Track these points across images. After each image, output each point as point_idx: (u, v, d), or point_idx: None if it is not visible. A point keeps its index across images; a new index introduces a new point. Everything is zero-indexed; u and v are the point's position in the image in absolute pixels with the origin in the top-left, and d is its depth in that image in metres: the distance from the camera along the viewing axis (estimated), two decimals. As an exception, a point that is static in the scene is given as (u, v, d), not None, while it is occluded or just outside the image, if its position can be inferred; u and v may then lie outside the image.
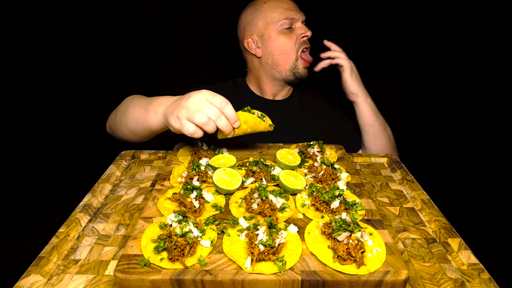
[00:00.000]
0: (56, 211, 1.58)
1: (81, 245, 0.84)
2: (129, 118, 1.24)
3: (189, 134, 0.99)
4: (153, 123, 1.13)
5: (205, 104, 0.98)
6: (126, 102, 1.32)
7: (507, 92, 2.06)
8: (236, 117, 1.02)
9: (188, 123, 0.98)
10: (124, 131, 1.31)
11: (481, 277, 0.76)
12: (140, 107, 1.19)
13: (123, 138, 1.36)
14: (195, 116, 0.97)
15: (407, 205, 1.04)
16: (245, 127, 1.06)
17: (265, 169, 1.04)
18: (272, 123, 1.12)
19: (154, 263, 0.70)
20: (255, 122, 1.06)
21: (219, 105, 0.99)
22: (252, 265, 0.70)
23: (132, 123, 1.24)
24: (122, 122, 1.30)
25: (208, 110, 0.98)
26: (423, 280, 0.76)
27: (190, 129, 0.98)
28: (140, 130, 1.22)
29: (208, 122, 0.98)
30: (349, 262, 0.71)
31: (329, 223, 0.80)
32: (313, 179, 1.05)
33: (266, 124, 1.08)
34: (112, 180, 1.13)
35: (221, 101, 1.00)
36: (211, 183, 1.00)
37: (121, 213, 0.97)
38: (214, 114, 0.98)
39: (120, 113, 1.32)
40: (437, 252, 0.85)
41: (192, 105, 0.98)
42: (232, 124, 1.02)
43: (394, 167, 1.25)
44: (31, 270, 0.75)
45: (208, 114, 0.97)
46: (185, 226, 0.76)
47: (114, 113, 1.38)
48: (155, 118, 1.11)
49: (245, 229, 0.79)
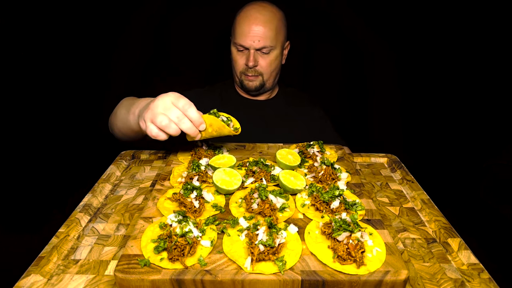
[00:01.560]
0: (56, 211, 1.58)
1: (81, 245, 0.84)
2: (118, 120, 1.30)
3: (153, 136, 1.00)
4: (133, 124, 1.16)
5: (169, 106, 0.98)
6: (119, 104, 1.36)
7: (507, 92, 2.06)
8: (200, 119, 1.01)
9: (151, 125, 0.99)
10: (117, 132, 1.37)
11: (481, 277, 0.76)
12: (126, 108, 1.22)
13: (118, 138, 1.42)
14: (157, 119, 0.97)
15: (407, 205, 1.04)
16: (210, 130, 1.05)
17: (265, 169, 1.04)
18: (239, 127, 1.11)
19: (154, 263, 0.70)
20: (219, 125, 1.05)
21: (181, 108, 0.99)
22: (252, 265, 0.70)
23: (119, 124, 1.29)
24: (114, 123, 1.36)
25: (170, 112, 0.98)
26: (423, 280, 0.76)
27: (153, 131, 0.99)
28: (126, 130, 1.27)
29: (169, 125, 0.98)
30: (349, 262, 0.71)
31: (329, 223, 0.80)
32: (313, 179, 1.05)
33: (230, 128, 1.07)
34: (112, 180, 1.13)
35: (184, 104, 0.99)
36: (211, 183, 1.00)
37: (121, 213, 0.97)
38: (177, 117, 0.98)
39: (113, 115, 1.37)
40: (437, 252, 0.85)
41: (156, 108, 0.98)
42: (197, 127, 1.02)
43: (394, 167, 1.25)
44: (31, 270, 0.75)
45: (170, 117, 0.98)
46: (185, 226, 0.76)
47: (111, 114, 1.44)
48: (134, 120, 1.15)
49: (245, 229, 0.79)
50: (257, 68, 1.53)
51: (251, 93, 1.61)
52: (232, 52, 1.57)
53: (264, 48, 1.49)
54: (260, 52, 1.51)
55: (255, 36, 1.46)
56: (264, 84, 1.58)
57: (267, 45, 1.48)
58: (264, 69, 1.54)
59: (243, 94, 1.66)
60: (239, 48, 1.52)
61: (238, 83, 1.63)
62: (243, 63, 1.53)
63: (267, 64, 1.53)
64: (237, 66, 1.57)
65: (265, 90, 1.62)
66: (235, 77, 1.62)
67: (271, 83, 1.61)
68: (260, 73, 1.55)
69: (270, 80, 1.59)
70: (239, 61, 1.55)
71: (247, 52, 1.51)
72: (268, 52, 1.51)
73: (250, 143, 1.29)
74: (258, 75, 1.55)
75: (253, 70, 1.53)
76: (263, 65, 1.53)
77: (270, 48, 1.50)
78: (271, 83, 1.61)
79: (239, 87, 1.65)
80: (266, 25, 1.47)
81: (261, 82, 1.57)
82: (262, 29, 1.46)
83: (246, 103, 1.64)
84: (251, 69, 1.52)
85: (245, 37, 1.47)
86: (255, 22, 1.46)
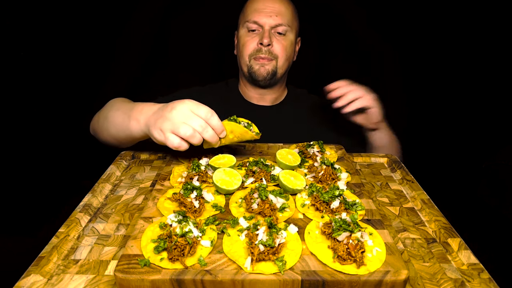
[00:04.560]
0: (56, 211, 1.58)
1: (81, 245, 0.84)
2: (111, 123, 1.18)
3: (174, 147, 0.94)
4: (135, 131, 1.08)
5: (189, 115, 0.93)
6: (108, 106, 1.26)
7: (507, 92, 2.06)
8: (222, 127, 0.97)
9: (172, 136, 0.93)
10: (106, 136, 1.26)
11: (481, 277, 0.76)
12: (123, 112, 1.13)
13: (105, 142, 1.30)
14: (180, 129, 0.91)
15: (407, 205, 1.04)
16: (231, 136, 1.03)
17: (265, 169, 1.04)
18: (259, 131, 1.10)
19: (154, 263, 0.70)
20: (241, 131, 1.03)
21: (204, 116, 0.94)
22: (252, 265, 0.70)
23: (114, 129, 1.18)
24: (104, 127, 1.23)
25: (193, 122, 0.92)
26: (423, 280, 0.76)
27: (174, 142, 0.93)
28: (122, 136, 1.17)
29: (194, 135, 0.93)
30: (349, 262, 0.71)
31: (329, 223, 0.80)
32: (313, 179, 1.05)
33: (252, 133, 1.05)
34: (112, 180, 1.13)
35: (206, 112, 0.94)
36: (211, 183, 1.00)
37: (121, 213, 0.97)
38: (200, 126, 0.93)
39: (102, 117, 1.25)
40: (437, 252, 0.85)
41: (176, 117, 0.92)
42: (219, 135, 0.98)
43: (394, 167, 1.25)
44: (31, 270, 0.75)
45: (193, 126, 0.92)
46: (185, 226, 0.76)
47: (97, 116, 1.31)
48: (137, 127, 1.06)
49: (245, 229, 0.79)
50: (272, 49, 1.37)
51: (261, 82, 1.44)
52: (240, 37, 1.42)
53: (280, 26, 1.35)
54: (275, 33, 1.37)
55: (272, 11, 1.34)
56: (276, 73, 1.42)
57: (284, 23, 1.35)
58: (279, 51, 1.37)
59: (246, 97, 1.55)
60: (251, 28, 1.36)
61: (246, 74, 1.46)
62: (256, 42, 1.36)
63: (282, 47, 1.37)
64: (246, 49, 1.39)
65: (276, 81, 1.46)
66: (242, 67, 1.46)
67: (282, 73, 1.46)
68: (275, 56, 1.39)
69: (283, 69, 1.44)
70: (250, 43, 1.37)
71: (260, 32, 1.37)
72: (285, 33, 1.37)
73: (250, 143, 1.29)
74: (272, 59, 1.39)
75: (267, 51, 1.36)
76: (278, 47, 1.37)
77: (286, 28, 1.36)
78: (282, 73, 1.46)
79: (246, 79, 1.49)
80: (282, 3, 1.36)
81: (273, 68, 1.41)
82: (278, 5, 1.34)
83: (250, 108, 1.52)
84: (266, 48, 1.35)
85: (259, 13, 1.34)
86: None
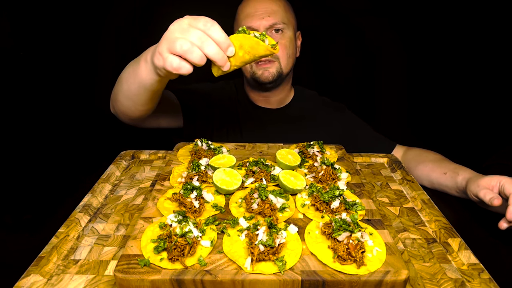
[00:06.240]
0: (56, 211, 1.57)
1: (81, 245, 0.84)
2: (123, 80, 1.12)
3: (174, 69, 0.83)
4: (145, 75, 0.99)
5: (186, 28, 0.81)
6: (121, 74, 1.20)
7: (507, 92, 2.06)
8: (228, 40, 0.82)
9: (170, 56, 0.82)
10: (121, 100, 1.18)
11: (481, 277, 0.76)
12: (133, 63, 1.07)
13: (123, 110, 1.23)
14: (176, 44, 0.80)
15: (407, 205, 1.04)
16: (241, 53, 0.85)
17: (265, 169, 1.04)
18: (275, 43, 0.90)
19: (154, 263, 0.70)
20: (251, 44, 0.84)
21: (202, 27, 0.80)
22: (252, 265, 0.70)
23: (126, 85, 1.11)
24: (118, 89, 1.18)
25: (190, 35, 0.80)
26: (423, 280, 0.76)
27: (173, 63, 0.82)
28: (134, 90, 1.08)
29: (192, 49, 0.80)
30: (349, 262, 0.71)
31: (329, 223, 0.80)
32: (313, 179, 1.05)
33: (267, 45, 0.86)
34: (112, 180, 1.13)
35: (204, 22, 0.81)
36: (211, 183, 1.00)
37: (121, 213, 0.97)
38: (199, 38, 0.80)
39: (117, 82, 1.20)
40: (437, 252, 0.85)
41: (172, 33, 0.82)
42: (225, 51, 0.82)
43: (394, 167, 1.25)
44: (31, 270, 0.75)
45: (190, 39, 0.80)
46: (185, 226, 0.76)
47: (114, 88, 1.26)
48: (145, 68, 0.98)
49: (245, 229, 0.78)
50: None
51: (267, 85, 1.41)
52: None
53: (276, 24, 1.32)
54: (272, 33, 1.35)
55: (263, 13, 1.30)
56: (282, 73, 1.39)
57: (278, 21, 1.32)
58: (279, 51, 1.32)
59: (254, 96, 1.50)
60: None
61: (249, 80, 1.43)
62: None
63: (282, 46, 1.34)
64: None
65: (282, 80, 1.43)
66: (245, 73, 1.44)
67: (287, 71, 1.43)
68: (276, 57, 1.35)
69: (287, 68, 1.41)
70: None
71: None
72: (282, 30, 1.34)
73: (250, 143, 1.29)
74: (274, 61, 1.36)
75: None
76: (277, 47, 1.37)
77: (282, 26, 1.33)
78: (287, 72, 1.43)
79: (251, 86, 1.47)
80: (273, 1, 1.33)
81: (278, 70, 1.37)
82: (269, 5, 1.31)
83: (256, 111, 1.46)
84: None
85: (251, 17, 1.31)
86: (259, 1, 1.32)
